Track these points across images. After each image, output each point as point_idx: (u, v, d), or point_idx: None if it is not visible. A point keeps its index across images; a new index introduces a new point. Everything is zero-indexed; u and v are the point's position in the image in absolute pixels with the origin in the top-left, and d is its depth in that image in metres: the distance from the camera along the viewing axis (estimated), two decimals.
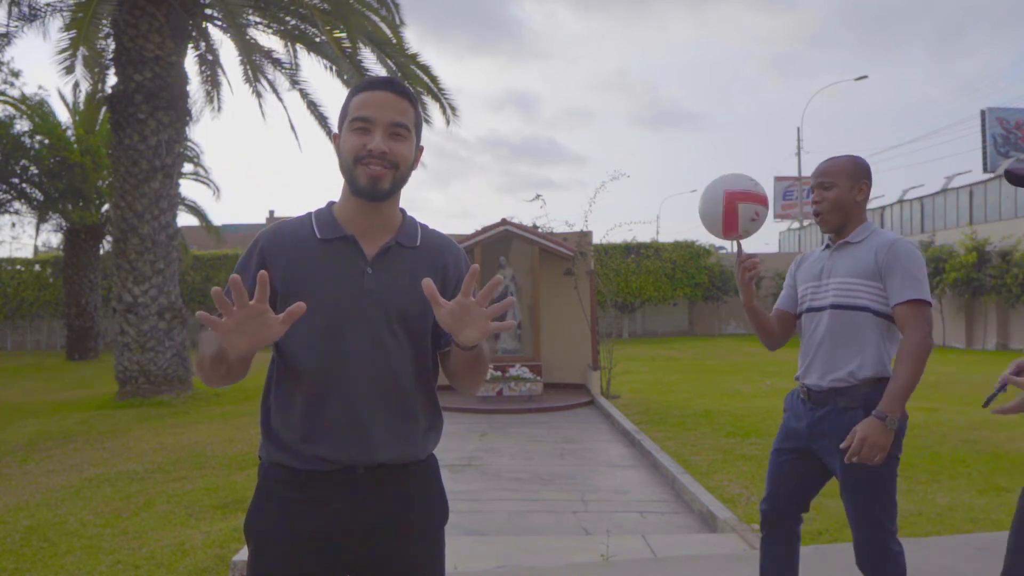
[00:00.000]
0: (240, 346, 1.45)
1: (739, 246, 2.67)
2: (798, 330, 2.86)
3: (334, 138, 1.73)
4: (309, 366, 1.64)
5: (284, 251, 1.66)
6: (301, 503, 1.64)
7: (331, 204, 1.77)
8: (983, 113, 27.78)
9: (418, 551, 1.72)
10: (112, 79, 10.83)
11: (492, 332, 1.54)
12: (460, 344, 1.57)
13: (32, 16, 11.54)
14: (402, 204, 1.77)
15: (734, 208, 2.53)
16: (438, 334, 1.75)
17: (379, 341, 1.66)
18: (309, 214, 1.75)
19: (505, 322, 1.56)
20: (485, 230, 11.24)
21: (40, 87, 45.14)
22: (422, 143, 1.77)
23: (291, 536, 1.64)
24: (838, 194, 2.67)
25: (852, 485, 2.56)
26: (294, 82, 12.51)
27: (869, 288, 2.56)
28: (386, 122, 1.64)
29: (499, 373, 10.39)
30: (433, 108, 12.19)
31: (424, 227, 1.80)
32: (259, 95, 11.28)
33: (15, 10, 11.35)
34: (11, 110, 17.63)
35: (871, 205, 27.46)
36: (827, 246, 2.75)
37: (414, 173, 1.74)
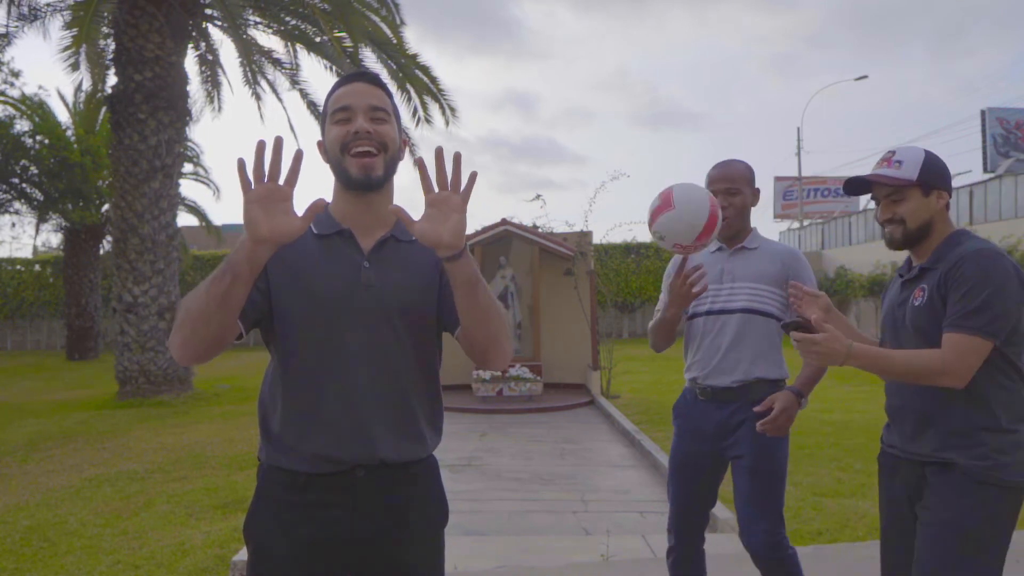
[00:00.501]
0: (260, 224, 1.38)
1: (685, 259, 2.57)
2: (680, 330, 2.79)
3: (319, 145, 1.71)
4: (308, 363, 1.63)
5: (280, 248, 1.63)
6: (301, 506, 1.63)
7: (327, 203, 1.75)
8: (983, 113, 27.79)
9: (418, 554, 1.71)
10: (112, 79, 10.85)
11: (464, 202, 1.45)
12: (447, 255, 1.47)
13: (32, 16, 11.55)
14: (403, 205, 1.77)
15: (716, 217, 2.44)
16: (444, 319, 1.71)
17: (378, 335, 1.64)
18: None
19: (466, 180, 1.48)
20: (485, 230, 11.24)
21: (40, 87, 45.22)
22: (418, 145, 1.77)
23: (291, 540, 1.63)
24: (743, 201, 2.74)
25: (758, 475, 2.60)
26: (294, 82, 12.51)
27: (775, 295, 2.66)
28: (365, 106, 1.64)
29: (499, 373, 10.39)
30: (433, 108, 12.20)
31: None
32: (258, 97, 11.30)
33: (15, 10, 11.35)
34: (11, 110, 17.65)
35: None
36: (719, 248, 2.77)
37: (413, 173, 1.75)
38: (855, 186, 2.20)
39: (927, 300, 2.03)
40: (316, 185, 1.91)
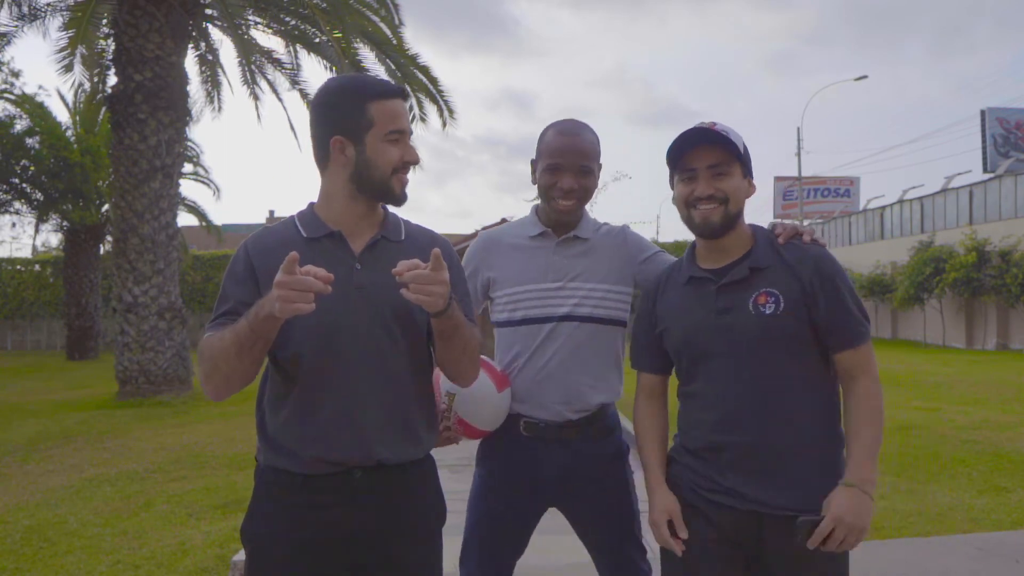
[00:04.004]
0: (289, 309, 1.44)
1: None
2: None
3: (336, 142, 1.66)
4: (304, 366, 1.63)
5: (270, 253, 1.64)
6: (299, 508, 1.63)
7: (312, 205, 1.75)
8: (983, 113, 27.77)
9: (416, 554, 1.71)
10: (112, 79, 10.85)
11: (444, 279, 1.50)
12: (433, 313, 1.55)
13: (32, 16, 11.54)
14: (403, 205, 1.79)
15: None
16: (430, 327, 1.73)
17: (373, 336, 1.65)
18: (292, 217, 1.75)
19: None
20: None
21: (40, 87, 45.25)
22: (414, 144, 1.79)
23: (289, 541, 1.64)
24: (593, 183, 2.11)
25: (616, 513, 2.12)
26: (294, 82, 12.51)
27: (622, 296, 2.11)
28: (407, 129, 1.70)
29: None
30: (431, 109, 12.19)
31: (407, 222, 1.81)
32: (256, 97, 11.28)
33: (15, 10, 11.35)
34: (11, 110, 17.65)
35: (871, 205, 27.51)
36: (541, 234, 2.13)
37: (412, 173, 1.76)
38: (684, 143, 1.76)
39: (785, 307, 1.70)
40: (303, 185, 1.91)
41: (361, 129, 1.65)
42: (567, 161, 2.03)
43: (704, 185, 1.74)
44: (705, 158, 1.74)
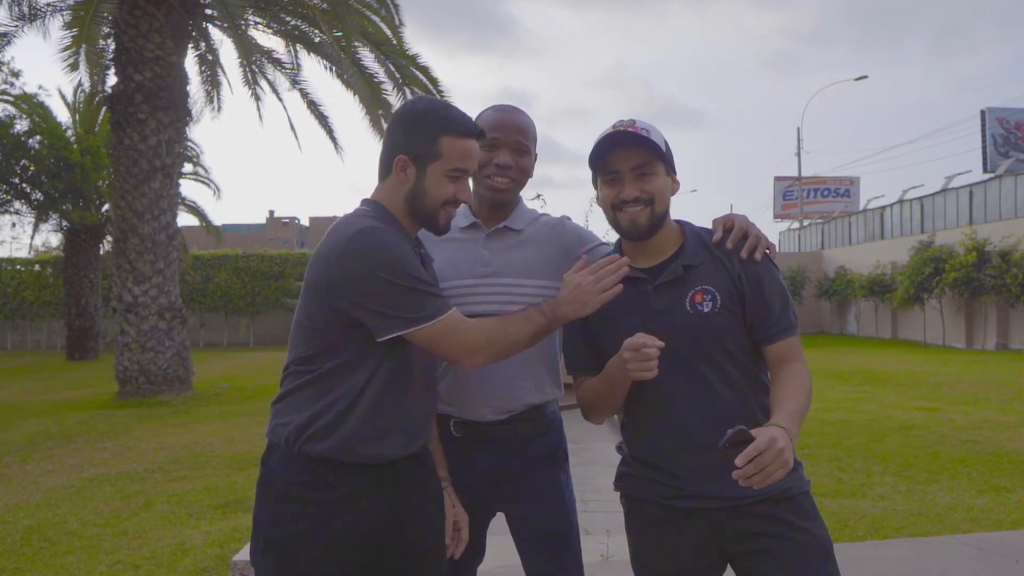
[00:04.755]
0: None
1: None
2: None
3: (400, 161, 1.73)
4: (395, 367, 1.71)
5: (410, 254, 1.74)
6: (336, 502, 1.66)
7: (381, 206, 1.76)
8: (983, 113, 27.77)
9: (430, 537, 1.83)
10: (112, 79, 10.85)
11: None
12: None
13: (32, 16, 11.53)
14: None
15: None
16: None
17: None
18: (375, 211, 1.75)
19: None
20: None
21: (40, 87, 45.18)
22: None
23: (321, 538, 1.65)
24: (529, 164, 2.02)
25: (551, 537, 2.02)
26: (294, 82, 12.51)
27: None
28: (471, 171, 1.82)
29: None
30: None
31: None
32: (258, 97, 11.28)
33: (15, 10, 11.35)
34: (11, 110, 17.66)
35: (871, 205, 27.50)
36: (472, 225, 2.02)
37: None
38: (605, 146, 1.72)
39: (723, 305, 1.69)
40: (322, 181, 1.93)
41: (427, 158, 1.72)
42: (504, 136, 1.95)
43: (629, 187, 1.71)
44: (628, 160, 1.71)
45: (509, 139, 1.96)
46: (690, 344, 1.69)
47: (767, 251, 1.75)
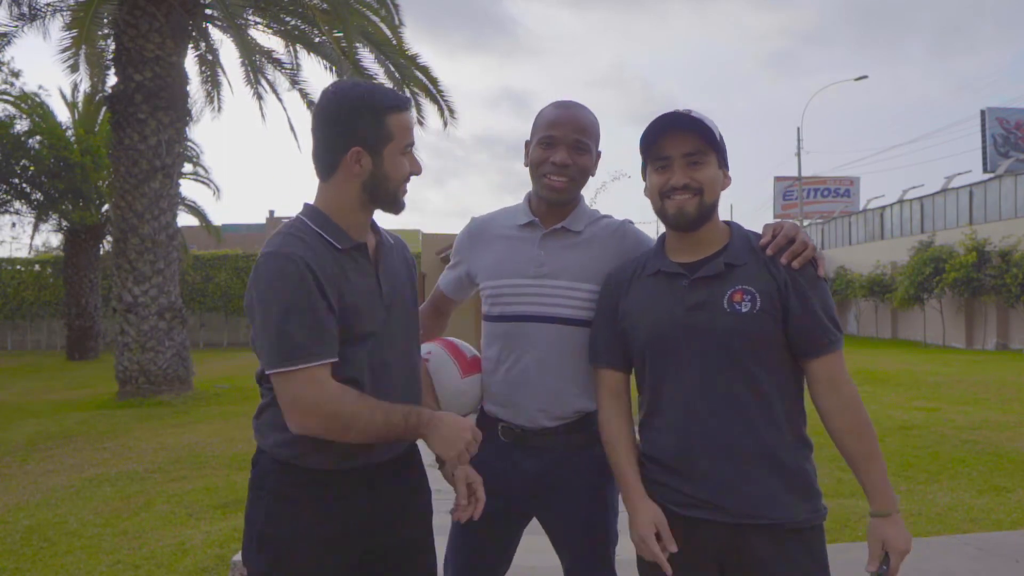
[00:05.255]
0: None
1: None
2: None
3: (355, 153, 1.64)
4: (368, 368, 1.67)
5: (323, 268, 1.61)
6: (324, 502, 1.66)
7: (318, 210, 1.68)
8: (983, 113, 27.77)
9: (418, 534, 1.82)
10: (112, 79, 10.85)
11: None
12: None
13: (32, 16, 11.54)
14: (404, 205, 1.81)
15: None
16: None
17: (403, 333, 1.77)
18: (308, 226, 1.66)
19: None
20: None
21: (40, 87, 45.14)
22: (417, 146, 1.80)
23: (315, 537, 1.65)
24: (589, 162, 1.96)
25: (592, 535, 1.99)
26: (294, 82, 12.51)
27: None
28: (414, 141, 1.78)
29: None
30: (431, 109, 12.17)
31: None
32: (260, 97, 11.28)
33: (15, 10, 11.35)
34: (11, 110, 17.66)
35: (871, 205, 27.51)
36: (529, 223, 1.98)
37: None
38: (658, 128, 1.68)
39: (762, 307, 1.63)
40: (302, 185, 1.92)
41: (380, 142, 1.65)
42: (562, 133, 1.89)
43: (679, 174, 1.66)
44: (680, 146, 1.66)
45: (567, 137, 1.90)
46: (722, 343, 1.64)
47: (814, 262, 1.68)
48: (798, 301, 1.64)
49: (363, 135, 1.63)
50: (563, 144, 1.90)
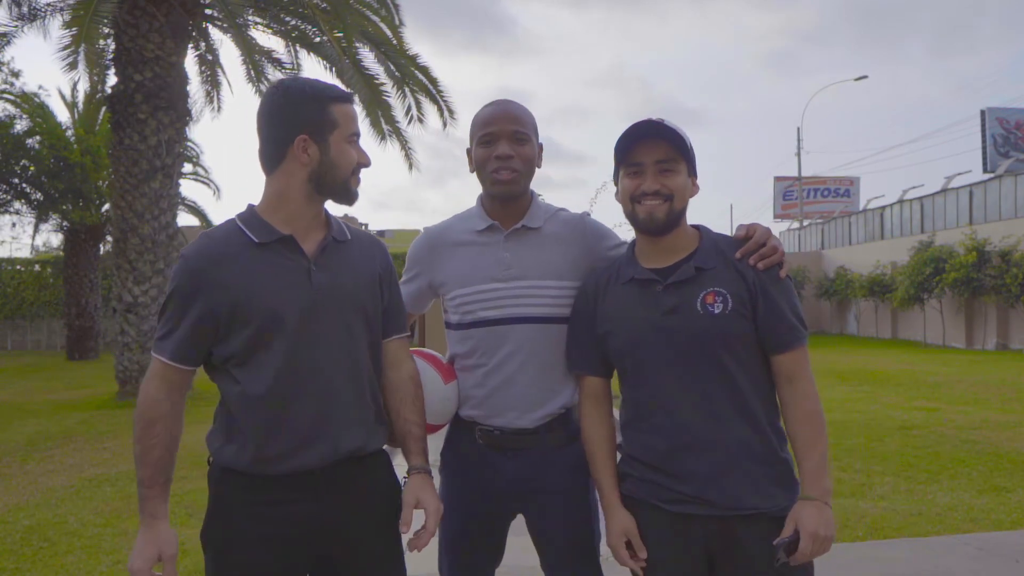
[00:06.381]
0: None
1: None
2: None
3: (301, 141, 1.67)
4: (277, 374, 1.62)
5: (219, 265, 1.62)
6: (261, 505, 1.64)
7: (253, 207, 1.71)
8: (983, 113, 27.77)
9: (380, 540, 1.74)
10: (112, 79, 10.84)
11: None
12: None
13: (32, 16, 11.53)
14: (403, 205, 1.78)
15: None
16: (385, 324, 1.81)
17: (338, 336, 1.68)
18: (232, 222, 1.69)
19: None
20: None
21: (40, 87, 45.11)
22: (411, 143, 1.79)
23: (253, 540, 1.64)
24: (531, 152, 1.95)
25: (584, 538, 2.01)
26: None
27: (572, 293, 1.95)
28: (360, 133, 1.79)
29: None
30: (431, 109, 12.16)
31: (346, 224, 1.82)
32: (261, 96, 11.27)
33: (15, 10, 11.34)
34: (11, 110, 17.65)
35: (871, 205, 27.49)
36: (489, 227, 1.98)
37: (413, 172, 1.77)
38: (632, 136, 1.74)
39: (734, 307, 1.69)
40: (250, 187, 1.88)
41: (325, 129, 1.66)
42: (499, 127, 1.91)
43: (651, 180, 1.72)
44: (653, 153, 1.72)
45: (505, 130, 1.91)
46: (698, 344, 1.70)
47: (779, 266, 1.75)
48: (765, 300, 1.72)
49: (308, 122, 1.65)
50: (502, 137, 1.92)
